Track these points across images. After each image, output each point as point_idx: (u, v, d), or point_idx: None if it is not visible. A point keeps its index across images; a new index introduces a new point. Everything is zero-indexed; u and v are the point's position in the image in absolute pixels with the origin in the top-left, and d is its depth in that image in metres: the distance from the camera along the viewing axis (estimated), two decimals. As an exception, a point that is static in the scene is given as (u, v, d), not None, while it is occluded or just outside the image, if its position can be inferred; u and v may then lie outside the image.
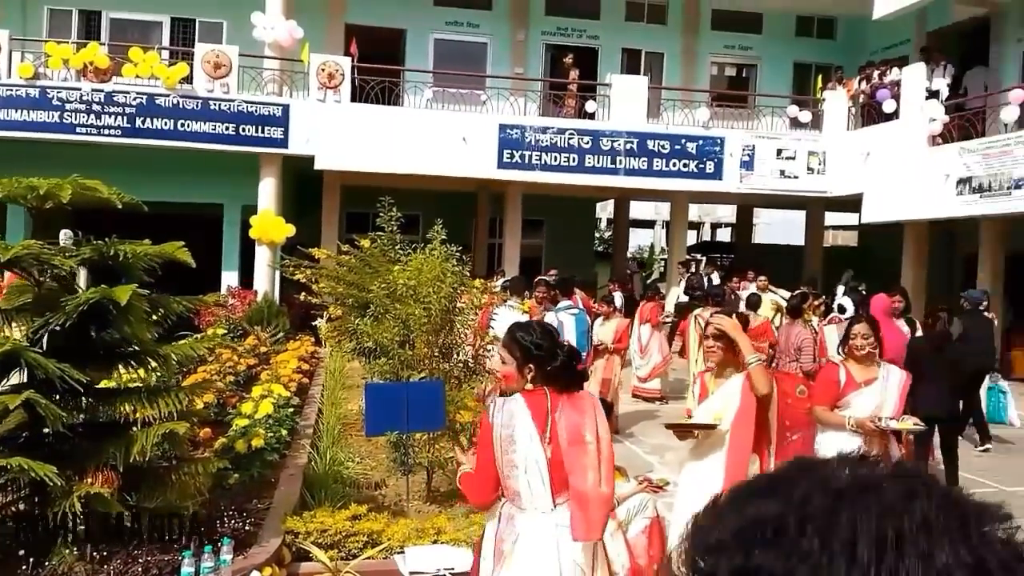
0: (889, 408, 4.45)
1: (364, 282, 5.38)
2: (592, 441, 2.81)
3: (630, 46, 18.95)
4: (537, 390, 2.89)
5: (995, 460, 8.45)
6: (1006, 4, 16.13)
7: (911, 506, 0.56)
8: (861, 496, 0.57)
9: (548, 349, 2.89)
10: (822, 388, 4.71)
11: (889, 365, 4.68)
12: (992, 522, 0.56)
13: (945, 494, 0.58)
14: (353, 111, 14.35)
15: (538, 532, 2.80)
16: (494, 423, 2.84)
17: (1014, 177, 12.15)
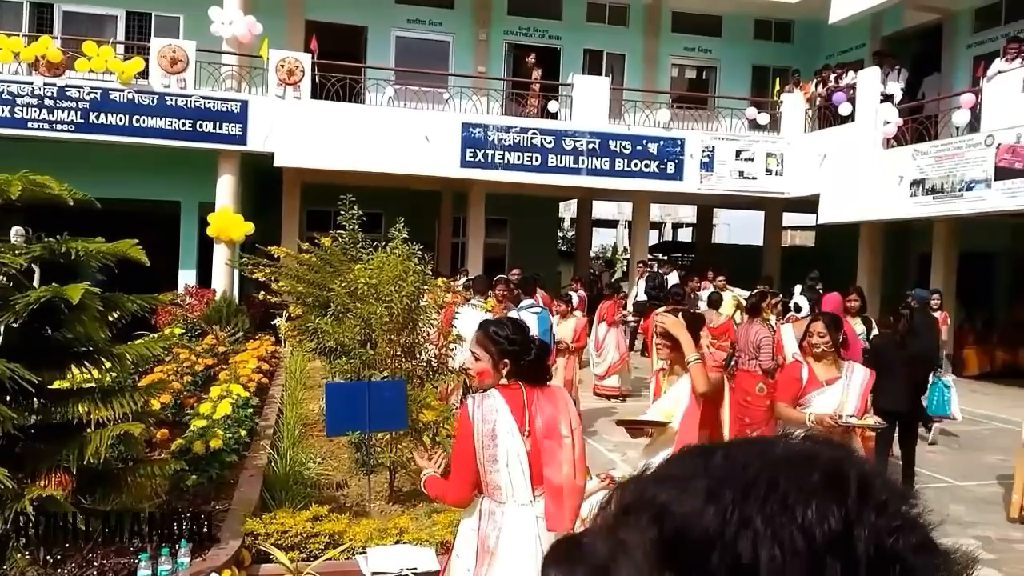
0: (850, 407, 4.43)
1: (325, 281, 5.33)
2: (568, 435, 2.87)
3: (592, 47, 19.05)
4: (512, 385, 2.92)
5: (946, 456, 8.67)
6: (956, 11, 16.56)
7: (804, 463, 0.56)
8: (773, 459, 0.57)
9: (522, 343, 2.94)
10: (784, 386, 4.71)
11: (853, 364, 4.67)
12: (898, 504, 0.55)
13: (858, 473, 0.56)
14: (313, 108, 14.21)
15: (520, 525, 2.85)
16: (474, 419, 2.85)
17: (965, 179, 12.47)
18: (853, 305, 8.43)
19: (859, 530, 0.52)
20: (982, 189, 12.18)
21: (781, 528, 0.52)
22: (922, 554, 0.53)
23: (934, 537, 0.56)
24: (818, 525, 0.52)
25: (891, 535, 0.52)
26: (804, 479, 0.54)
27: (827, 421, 4.29)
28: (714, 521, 0.53)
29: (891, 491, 0.56)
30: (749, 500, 0.54)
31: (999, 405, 11.68)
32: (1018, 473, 6.41)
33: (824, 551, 0.51)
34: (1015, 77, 12.25)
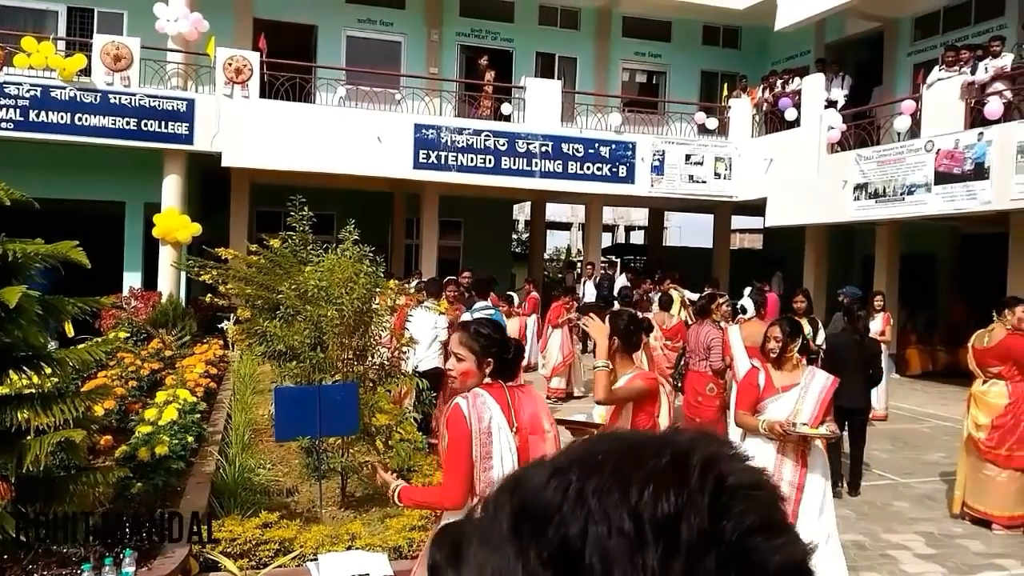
0: (805, 414, 4.28)
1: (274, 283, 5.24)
2: (550, 429, 2.98)
3: (544, 50, 19.14)
4: (495, 384, 2.97)
5: (890, 454, 8.89)
6: (897, 20, 17.04)
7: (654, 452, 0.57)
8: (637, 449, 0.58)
9: (503, 341, 3.00)
10: (742, 392, 4.61)
11: (816, 370, 4.54)
12: (744, 489, 0.55)
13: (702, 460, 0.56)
14: (262, 107, 14.00)
15: None
16: (470, 419, 2.86)
17: (906, 183, 12.83)
18: (800, 306, 8.61)
19: (689, 514, 0.52)
20: (923, 193, 12.54)
21: (613, 508, 0.53)
22: (758, 537, 0.53)
23: (778, 521, 0.55)
24: (650, 508, 0.52)
25: (725, 519, 0.52)
26: (650, 463, 0.55)
27: (776, 428, 4.20)
28: (554, 496, 0.55)
29: (740, 476, 0.56)
30: (590, 479, 0.55)
31: (941, 404, 12.04)
32: (959, 470, 6.61)
33: (650, 533, 0.52)
34: (953, 84, 12.64)
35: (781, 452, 4.26)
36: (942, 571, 5.39)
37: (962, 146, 11.93)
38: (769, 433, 4.24)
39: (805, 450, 4.29)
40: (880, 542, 5.93)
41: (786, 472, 4.21)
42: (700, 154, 16.75)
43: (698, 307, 8.37)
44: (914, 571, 5.38)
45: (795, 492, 4.16)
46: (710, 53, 20.35)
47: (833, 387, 4.40)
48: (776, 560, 0.53)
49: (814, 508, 4.18)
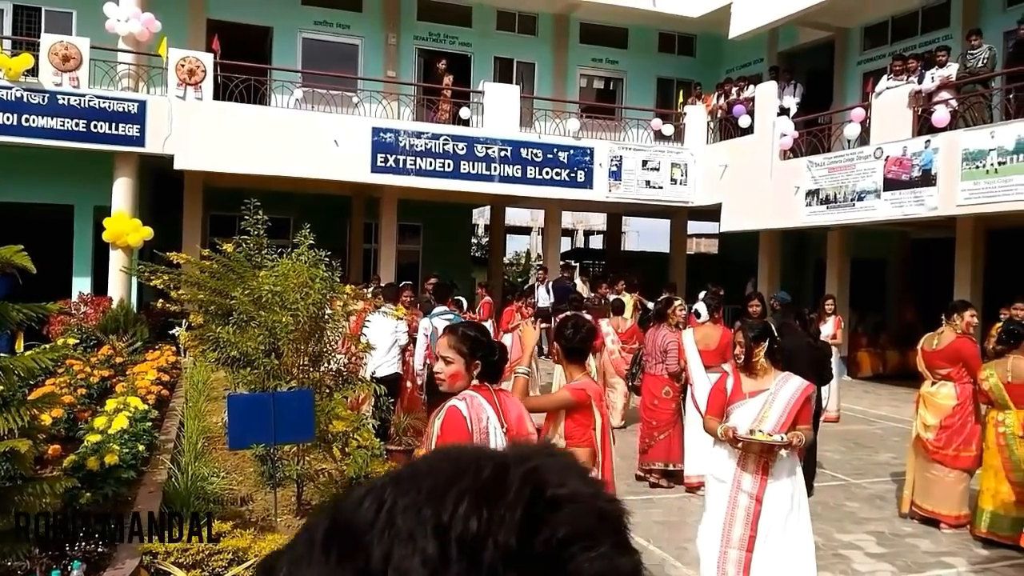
0: (771, 421, 4.09)
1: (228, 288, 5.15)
2: (533, 431, 3.07)
3: (502, 55, 19.18)
4: (481, 386, 2.99)
5: (842, 455, 9.07)
6: (847, 29, 17.44)
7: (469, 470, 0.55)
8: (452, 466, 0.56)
9: (489, 344, 3.02)
10: (711, 398, 4.50)
11: (790, 377, 4.31)
12: (566, 505, 0.53)
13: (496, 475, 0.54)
14: (216, 109, 13.79)
15: None
16: (471, 420, 2.87)
17: (856, 189, 13.13)
18: (755, 310, 8.76)
19: (499, 530, 0.51)
20: (872, 199, 12.84)
21: (419, 528, 0.52)
22: (574, 548, 0.52)
23: (602, 530, 0.54)
24: (459, 525, 0.51)
25: (538, 532, 0.52)
26: (469, 478, 0.54)
27: (728, 434, 4.07)
28: (364, 516, 0.54)
29: (563, 487, 0.54)
30: (403, 497, 0.54)
31: (891, 405, 12.32)
32: (908, 470, 6.76)
33: (454, 552, 0.51)
34: (900, 93, 12.97)
35: (742, 461, 4.11)
36: (892, 570, 5.50)
37: (910, 153, 12.25)
38: (724, 439, 4.14)
39: (768, 460, 4.10)
40: (833, 542, 6.04)
41: (745, 483, 4.09)
42: (657, 160, 16.93)
43: (655, 311, 8.45)
44: (866, 570, 5.49)
45: (754, 504, 4.02)
46: (666, 60, 20.59)
47: (805, 393, 4.21)
48: (592, 570, 0.52)
49: (778, 519, 4.02)
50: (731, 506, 4.03)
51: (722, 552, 4.01)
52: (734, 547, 3.97)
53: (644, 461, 7.58)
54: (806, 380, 4.34)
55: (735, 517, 4.02)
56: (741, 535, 3.97)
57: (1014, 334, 6.06)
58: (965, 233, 13.19)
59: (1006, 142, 10.82)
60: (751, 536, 3.93)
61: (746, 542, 3.94)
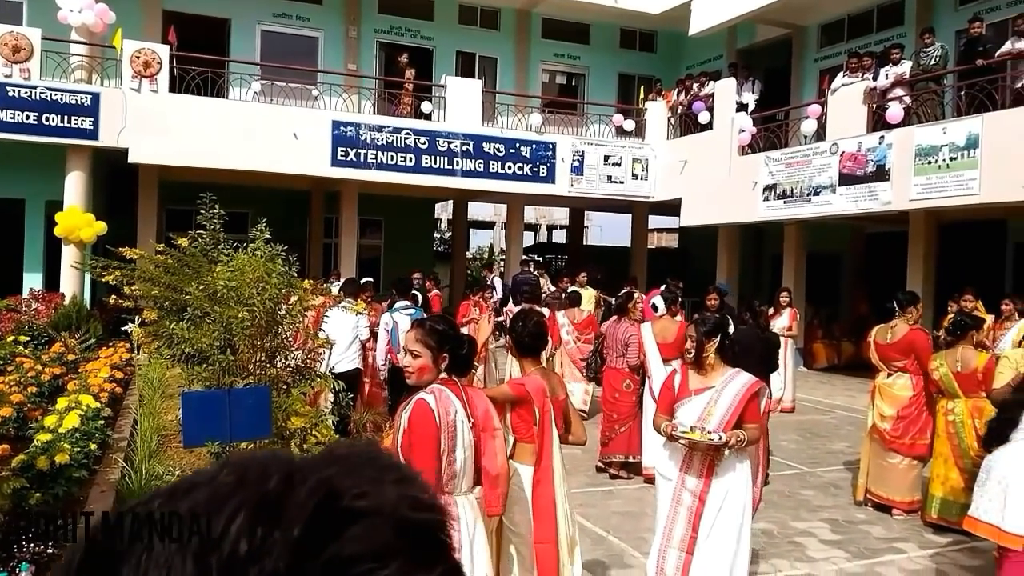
0: (716, 419, 3.95)
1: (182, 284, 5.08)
2: (500, 427, 3.08)
3: (464, 49, 19.12)
4: (449, 380, 3.01)
5: (797, 444, 9.22)
6: (804, 27, 17.69)
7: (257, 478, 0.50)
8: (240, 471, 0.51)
9: (457, 337, 3.03)
10: (660, 395, 4.38)
11: (739, 373, 4.16)
12: (340, 517, 0.48)
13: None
14: (172, 102, 13.55)
15: (469, 512, 3.01)
16: (438, 415, 2.88)
17: (813, 184, 13.34)
18: (712, 303, 8.86)
19: (270, 551, 0.46)
20: (828, 194, 13.06)
21: (179, 549, 0.46)
22: (359, 567, 0.46)
23: (398, 545, 0.49)
24: (228, 546, 0.46)
25: (316, 552, 0.46)
26: (250, 492, 0.48)
27: (668, 431, 3.95)
28: (126, 534, 0.49)
29: (359, 499, 0.49)
30: (175, 512, 0.48)
31: (846, 395, 12.56)
32: (863, 459, 6.90)
33: (211, 571, 0.45)
34: (856, 90, 13.20)
35: (687, 459, 4.00)
36: (846, 556, 5.62)
37: (864, 149, 12.48)
38: (664, 436, 4.05)
39: (714, 459, 3.97)
40: (788, 530, 6.15)
41: (689, 481, 3.99)
42: (618, 155, 17.02)
43: (616, 305, 8.50)
44: (820, 557, 5.59)
45: (696, 503, 3.94)
46: (627, 56, 20.70)
47: (752, 390, 4.05)
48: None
49: (720, 519, 3.93)
50: (674, 504, 3.97)
51: (662, 551, 3.96)
52: (674, 547, 3.92)
53: (605, 453, 7.63)
54: (755, 375, 4.29)
55: (677, 515, 3.96)
56: (682, 535, 3.92)
57: (962, 325, 6.21)
58: (917, 227, 13.48)
59: (957, 138, 11.07)
60: (692, 537, 3.88)
61: (687, 543, 3.89)
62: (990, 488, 4.30)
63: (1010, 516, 4.16)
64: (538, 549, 3.54)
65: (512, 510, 3.60)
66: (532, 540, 3.55)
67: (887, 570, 5.38)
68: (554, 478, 3.60)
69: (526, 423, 3.61)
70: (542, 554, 3.53)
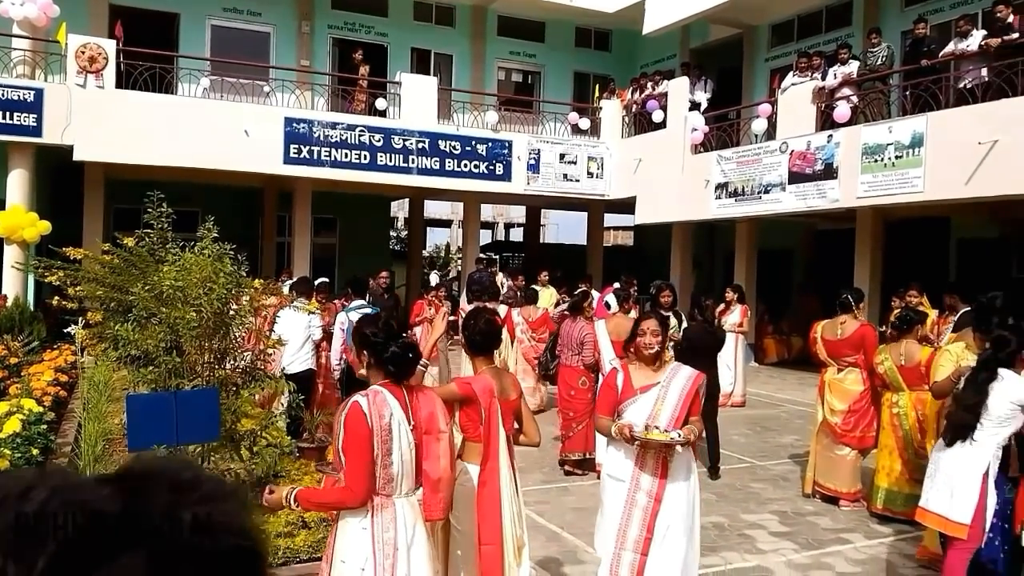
0: (666, 416, 3.87)
1: (128, 284, 4.97)
2: (446, 430, 3.05)
3: (419, 46, 19.03)
4: (390, 381, 3.01)
5: (748, 438, 9.38)
6: (755, 27, 17.97)
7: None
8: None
9: (383, 339, 2.99)
10: (601, 396, 4.18)
11: (680, 367, 4.08)
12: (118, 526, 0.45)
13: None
14: (119, 98, 13.24)
15: (410, 515, 2.98)
16: (371, 416, 2.87)
17: (763, 183, 13.56)
18: (666, 300, 8.95)
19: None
20: (778, 192, 13.29)
21: None
22: None
23: (137, 566, 0.45)
24: None
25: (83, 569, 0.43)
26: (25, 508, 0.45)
27: (625, 433, 3.80)
28: None
29: (95, 519, 0.45)
30: None
31: (796, 390, 12.80)
32: (811, 452, 7.04)
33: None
34: (805, 89, 13.45)
35: (641, 459, 3.89)
36: (794, 547, 5.73)
37: (813, 147, 12.72)
38: (618, 438, 3.87)
39: (667, 457, 3.88)
40: (739, 522, 6.24)
41: (644, 482, 3.88)
42: (574, 153, 17.11)
43: (571, 303, 8.55)
44: (769, 548, 5.69)
45: (652, 503, 3.86)
46: (582, 55, 20.80)
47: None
48: None
49: (675, 518, 3.89)
50: (628, 506, 3.88)
51: (616, 554, 3.88)
52: (628, 549, 3.85)
53: (564, 452, 7.68)
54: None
55: (632, 517, 3.87)
56: (637, 537, 3.85)
57: (908, 320, 6.37)
58: (864, 224, 13.78)
59: (902, 137, 11.34)
60: (647, 538, 3.83)
61: (641, 544, 3.83)
62: (938, 481, 4.44)
63: (956, 507, 4.30)
64: (482, 551, 3.51)
65: (459, 509, 3.59)
66: (476, 541, 3.54)
67: (834, 560, 5.49)
68: (500, 479, 3.57)
69: (474, 422, 3.60)
70: (486, 555, 3.50)
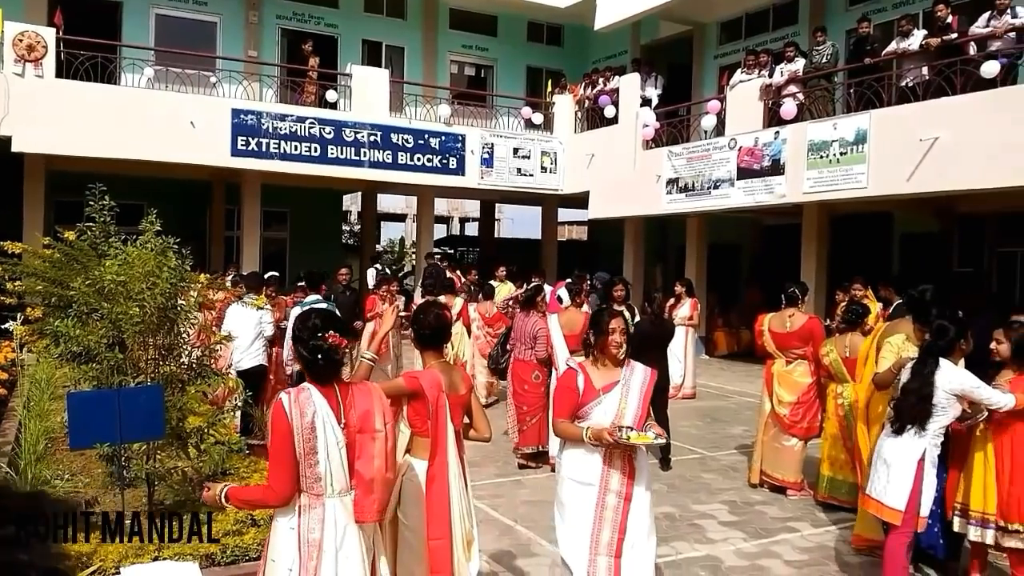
0: (630, 415, 3.80)
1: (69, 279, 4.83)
2: (382, 430, 2.94)
3: (370, 38, 18.84)
4: (318, 380, 2.96)
5: (699, 429, 9.52)
6: (705, 24, 18.19)
7: None
8: None
9: (304, 339, 2.93)
10: (560, 398, 3.96)
11: (634, 364, 3.99)
12: None
13: None
14: (59, 88, 12.86)
15: (342, 515, 2.90)
16: (291, 414, 2.82)
17: (713, 178, 13.75)
18: (619, 295, 9.03)
19: None
20: (727, 187, 13.49)
21: None
22: None
23: None
24: None
25: None
26: None
27: (605, 437, 3.66)
28: None
29: None
30: None
31: (745, 381, 13.01)
32: (757, 443, 7.17)
33: None
34: (752, 86, 13.66)
35: (608, 461, 3.79)
36: (743, 536, 5.83)
37: (761, 144, 12.94)
38: (595, 443, 3.73)
39: (632, 456, 3.84)
40: (689, 512, 6.34)
41: (613, 483, 3.80)
42: (527, 148, 17.14)
43: (524, 297, 8.56)
44: (719, 538, 5.79)
45: (623, 503, 3.78)
46: (535, 49, 20.83)
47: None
48: None
49: (643, 515, 3.83)
50: (599, 509, 3.77)
51: (591, 560, 3.75)
52: (603, 554, 3.74)
53: (518, 446, 7.71)
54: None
55: (603, 520, 3.77)
56: (609, 539, 3.75)
57: (857, 313, 6.54)
58: (810, 219, 14.07)
59: (847, 133, 11.60)
60: (619, 539, 3.75)
61: (614, 547, 3.74)
62: (878, 468, 4.56)
63: (891, 493, 4.42)
64: (431, 546, 3.49)
65: (407, 504, 3.56)
66: (425, 536, 3.51)
67: (782, 549, 5.61)
68: (449, 474, 3.54)
69: (421, 417, 3.56)
70: (435, 550, 3.47)
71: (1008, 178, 9.79)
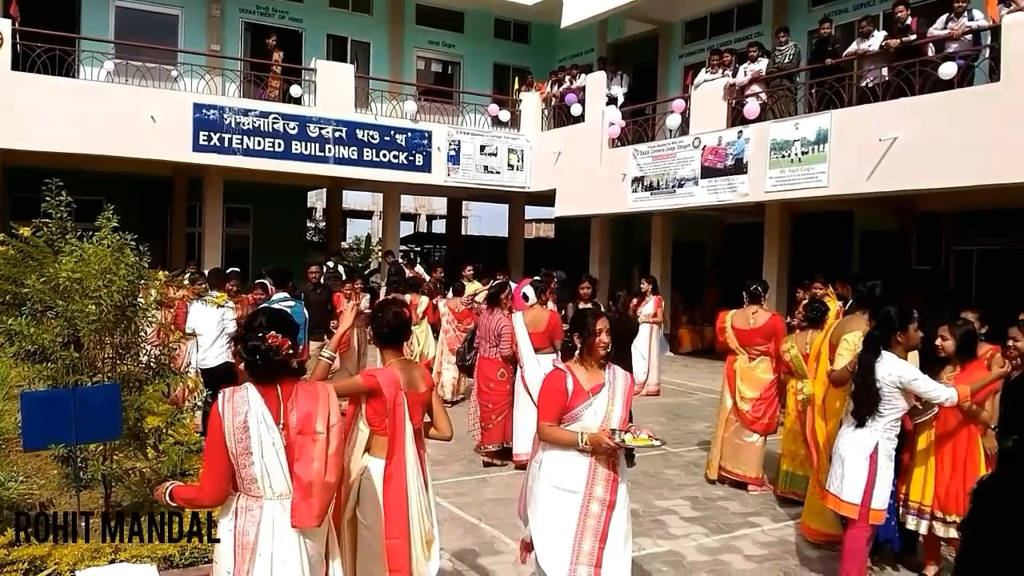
0: (616, 417, 3.72)
1: (23, 276, 4.73)
2: (323, 432, 2.84)
3: (335, 33, 18.66)
4: (260, 378, 2.89)
5: (662, 425, 9.59)
6: (670, 24, 18.32)
7: None
8: None
9: (245, 339, 2.88)
10: (547, 401, 3.78)
11: (615, 366, 3.89)
12: None
13: None
14: (15, 81, 12.59)
15: (280, 518, 2.82)
16: (224, 413, 2.78)
17: (677, 177, 13.87)
18: (585, 292, 9.06)
19: None
20: (691, 186, 13.61)
21: None
22: None
23: None
24: None
25: None
26: None
27: (605, 441, 3.58)
28: None
29: None
30: None
31: (708, 378, 13.13)
32: (716, 439, 7.26)
33: None
34: (716, 86, 13.79)
35: (594, 466, 3.68)
36: (705, 532, 5.90)
37: (724, 143, 13.07)
38: (591, 448, 3.63)
39: (615, 460, 3.75)
40: (652, 508, 6.39)
41: (598, 491, 3.68)
42: (494, 145, 17.13)
43: (489, 295, 8.56)
44: (681, 533, 5.84)
45: (605, 510, 3.68)
46: (502, 46, 20.80)
47: (633, 382, 3.92)
48: None
49: (623, 522, 3.75)
50: (583, 517, 3.66)
51: (572, 570, 3.65)
52: (584, 563, 3.63)
53: (482, 443, 7.70)
54: (620, 362, 4.23)
55: (586, 528, 3.66)
56: (591, 549, 3.64)
57: (820, 311, 6.64)
58: (773, 218, 14.25)
59: (808, 133, 11.77)
60: (600, 548, 3.64)
61: (595, 556, 3.64)
62: (835, 463, 4.64)
63: (846, 488, 4.50)
64: (388, 545, 3.46)
65: (365, 503, 3.54)
66: (383, 536, 3.49)
67: (743, 544, 5.68)
68: (407, 473, 3.51)
69: (379, 415, 3.53)
70: (392, 550, 3.45)
71: (965, 177, 10.01)
